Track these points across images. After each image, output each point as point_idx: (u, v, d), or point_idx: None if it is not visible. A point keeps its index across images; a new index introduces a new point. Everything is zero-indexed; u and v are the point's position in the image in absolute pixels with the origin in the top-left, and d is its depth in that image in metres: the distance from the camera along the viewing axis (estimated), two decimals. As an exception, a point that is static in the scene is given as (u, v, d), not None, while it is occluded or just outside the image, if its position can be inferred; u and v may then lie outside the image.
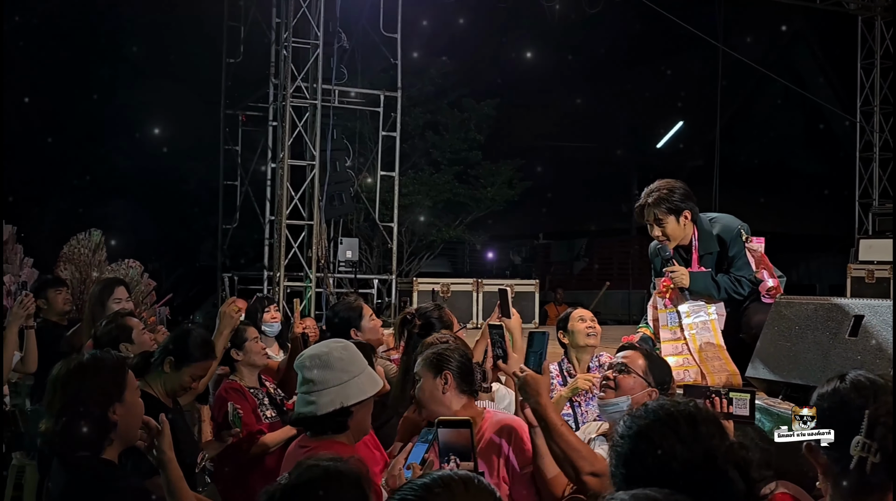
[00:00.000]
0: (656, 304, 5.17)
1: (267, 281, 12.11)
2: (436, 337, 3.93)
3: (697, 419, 1.97)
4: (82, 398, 2.89)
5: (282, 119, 11.36)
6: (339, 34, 11.82)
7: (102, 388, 2.93)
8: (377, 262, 15.03)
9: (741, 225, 5.19)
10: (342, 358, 3.33)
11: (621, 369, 3.72)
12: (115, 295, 5.87)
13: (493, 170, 17.30)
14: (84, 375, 2.95)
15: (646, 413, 2.01)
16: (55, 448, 2.95)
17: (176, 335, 4.27)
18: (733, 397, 3.69)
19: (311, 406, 3.25)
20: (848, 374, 2.29)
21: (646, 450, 1.94)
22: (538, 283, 12.37)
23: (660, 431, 1.95)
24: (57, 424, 2.87)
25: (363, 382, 3.33)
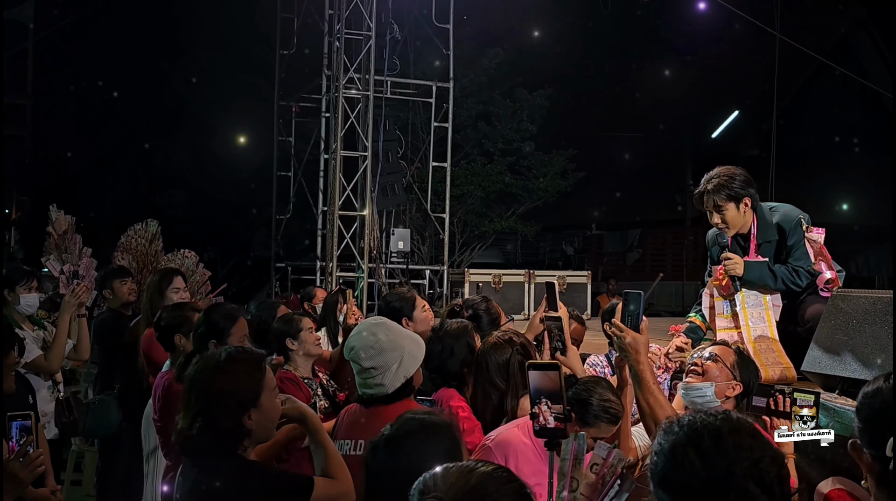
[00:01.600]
0: (712, 292, 5.10)
1: (319, 271, 12.20)
2: (498, 335, 3.92)
3: (723, 433, 1.90)
4: (218, 404, 2.86)
5: (334, 110, 11.42)
6: (392, 25, 11.84)
7: (238, 396, 2.88)
8: (429, 253, 15.06)
9: (802, 214, 5.08)
10: (390, 339, 3.61)
11: (711, 358, 3.73)
12: (173, 285, 5.96)
13: (546, 160, 17.22)
14: (220, 378, 2.90)
15: (678, 428, 1.96)
16: (188, 449, 2.91)
17: (202, 321, 4.32)
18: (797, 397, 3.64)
19: (381, 388, 3.55)
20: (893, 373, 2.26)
21: (673, 469, 1.90)
22: (590, 274, 12.31)
23: (683, 447, 1.90)
24: (192, 427, 2.84)
25: (413, 350, 3.64)
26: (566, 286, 11.77)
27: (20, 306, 5.91)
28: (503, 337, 3.89)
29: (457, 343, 3.96)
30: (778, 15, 14.40)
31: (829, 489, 3.76)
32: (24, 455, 3.26)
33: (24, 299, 5.93)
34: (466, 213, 16.42)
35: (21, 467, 3.23)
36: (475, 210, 16.63)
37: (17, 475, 3.21)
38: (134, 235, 8.55)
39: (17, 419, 3.40)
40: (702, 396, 3.63)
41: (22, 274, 6.07)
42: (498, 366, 3.80)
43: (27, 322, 5.95)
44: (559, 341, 3.81)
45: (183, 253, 8.63)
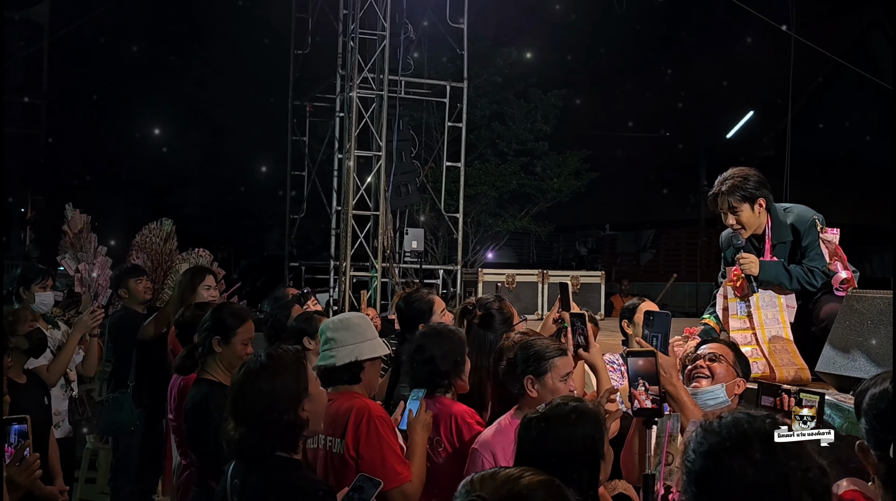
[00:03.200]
0: (726, 293, 5.09)
1: (333, 271, 12.22)
2: (511, 338, 3.92)
3: (774, 439, 1.88)
4: (274, 402, 2.92)
5: (348, 110, 11.42)
6: (406, 25, 11.84)
7: (290, 387, 2.97)
8: (442, 252, 15.07)
9: (816, 215, 5.07)
10: (360, 324, 3.87)
11: (713, 357, 3.72)
12: (205, 282, 6.04)
13: (560, 160, 17.22)
14: (272, 376, 2.97)
15: (720, 428, 1.91)
16: (251, 454, 2.93)
17: (209, 317, 4.35)
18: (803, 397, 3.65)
19: (331, 359, 3.74)
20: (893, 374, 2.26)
21: (717, 471, 1.85)
22: (604, 274, 12.28)
23: (732, 451, 1.85)
24: (251, 431, 2.87)
25: (375, 344, 3.85)
26: (580, 287, 11.75)
27: (35, 304, 5.95)
28: (516, 341, 3.89)
29: (447, 344, 3.95)
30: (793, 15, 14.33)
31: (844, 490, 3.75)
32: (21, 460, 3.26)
33: (40, 297, 5.97)
34: (480, 213, 16.43)
35: (18, 472, 3.23)
36: (489, 210, 16.64)
37: (15, 479, 3.21)
38: (148, 233, 8.59)
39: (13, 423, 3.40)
40: (714, 398, 3.60)
41: (37, 272, 6.10)
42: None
43: (41, 321, 5.98)
44: (582, 336, 3.82)
45: (197, 252, 8.66)
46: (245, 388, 2.96)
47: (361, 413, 3.58)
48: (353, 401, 3.65)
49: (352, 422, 3.56)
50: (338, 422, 3.59)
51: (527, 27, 17.79)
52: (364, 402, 3.67)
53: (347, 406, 3.62)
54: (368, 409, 3.62)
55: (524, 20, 17.38)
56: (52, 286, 6.15)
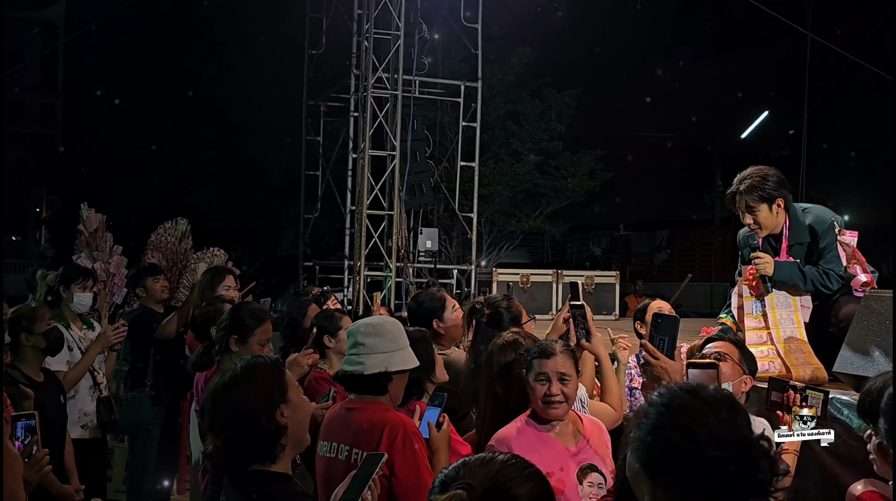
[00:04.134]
0: (741, 292, 5.07)
1: (347, 271, 12.24)
2: (505, 337, 3.92)
3: (737, 406, 1.92)
4: (246, 408, 2.78)
5: (363, 110, 11.44)
6: (421, 25, 11.86)
7: (265, 392, 2.81)
8: (456, 252, 15.08)
9: (835, 217, 5.04)
10: (392, 331, 3.65)
11: (718, 357, 3.72)
12: (224, 282, 6.07)
13: (574, 160, 17.20)
14: (243, 383, 2.83)
15: (686, 391, 1.96)
16: (225, 466, 2.83)
17: (228, 316, 4.36)
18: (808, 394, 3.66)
19: (359, 366, 3.55)
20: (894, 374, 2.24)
21: (683, 426, 1.88)
22: (618, 274, 12.27)
23: (702, 411, 1.90)
24: (225, 441, 2.76)
25: (406, 355, 3.65)
26: (594, 287, 11.74)
27: (73, 303, 5.95)
28: (509, 339, 3.88)
29: (415, 351, 3.85)
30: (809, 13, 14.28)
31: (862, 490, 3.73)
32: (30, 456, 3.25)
33: (78, 297, 5.96)
34: (494, 212, 16.42)
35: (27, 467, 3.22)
36: (503, 210, 16.64)
37: (24, 475, 3.17)
38: (164, 233, 8.60)
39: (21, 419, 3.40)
40: None
41: (79, 272, 6.10)
42: (501, 368, 3.79)
43: (77, 321, 5.99)
44: (584, 328, 3.81)
45: (212, 251, 8.67)
46: (217, 399, 2.84)
47: (397, 429, 3.39)
48: (385, 415, 3.47)
49: (386, 437, 3.36)
50: (367, 435, 3.41)
51: (541, 26, 17.78)
52: (398, 417, 3.49)
53: (380, 420, 3.44)
54: (404, 424, 3.44)
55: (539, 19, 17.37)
56: (92, 287, 6.15)
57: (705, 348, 3.93)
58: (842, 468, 4.09)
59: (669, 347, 3.18)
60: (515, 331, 4.08)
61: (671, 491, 1.86)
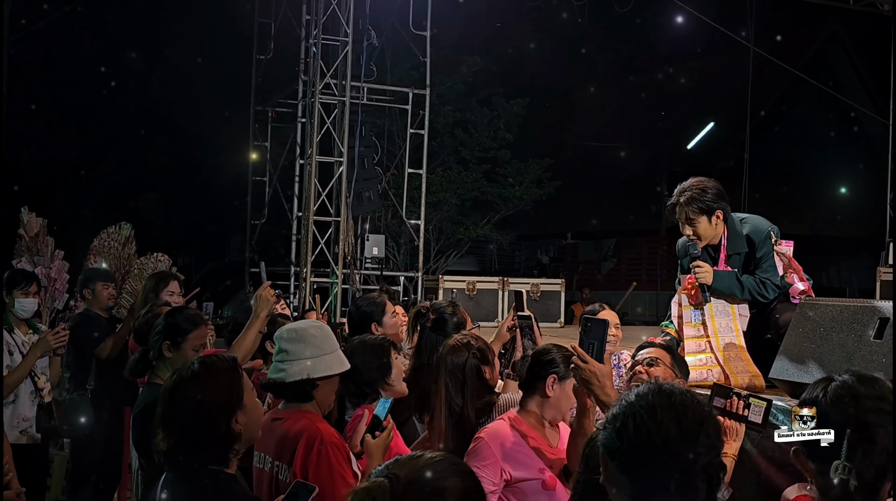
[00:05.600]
0: (681, 301, 5.15)
1: (294, 277, 12.19)
2: (457, 338, 3.94)
3: (707, 419, 1.94)
4: (205, 414, 2.75)
5: (310, 116, 11.42)
6: (369, 31, 11.86)
7: (222, 398, 2.79)
8: (404, 259, 15.07)
9: (771, 227, 5.14)
10: (316, 336, 3.55)
11: (650, 362, 3.76)
12: (168, 288, 6.01)
13: (522, 169, 17.29)
14: (202, 385, 2.80)
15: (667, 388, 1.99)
16: (177, 466, 2.79)
17: (162, 321, 4.29)
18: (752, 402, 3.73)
19: (282, 373, 3.47)
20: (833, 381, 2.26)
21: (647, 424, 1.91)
22: (563, 282, 12.34)
23: (669, 412, 1.92)
24: (179, 442, 2.73)
25: (331, 361, 3.54)
26: (540, 294, 11.80)
27: (16, 309, 5.85)
28: (461, 341, 3.91)
29: (371, 354, 3.90)
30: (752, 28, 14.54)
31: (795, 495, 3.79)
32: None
33: (20, 302, 5.85)
34: (442, 220, 16.44)
35: None
36: (450, 217, 16.67)
37: None
38: (107, 237, 8.50)
39: None
40: None
41: (22, 277, 6.00)
42: (454, 369, 3.82)
43: (23, 325, 5.89)
44: (530, 338, 3.85)
45: (156, 257, 8.58)
46: (175, 397, 2.80)
47: (312, 440, 3.29)
48: (303, 425, 3.36)
49: (301, 449, 3.28)
50: (286, 447, 3.35)
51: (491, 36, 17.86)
52: (315, 427, 3.35)
53: (297, 430, 3.34)
54: (320, 435, 3.31)
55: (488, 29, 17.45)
56: (36, 293, 6.04)
57: (638, 354, 3.99)
58: (777, 472, 4.15)
59: (598, 350, 3.17)
60: (466, 333, 4.12)
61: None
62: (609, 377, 3.17)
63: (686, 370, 3.99)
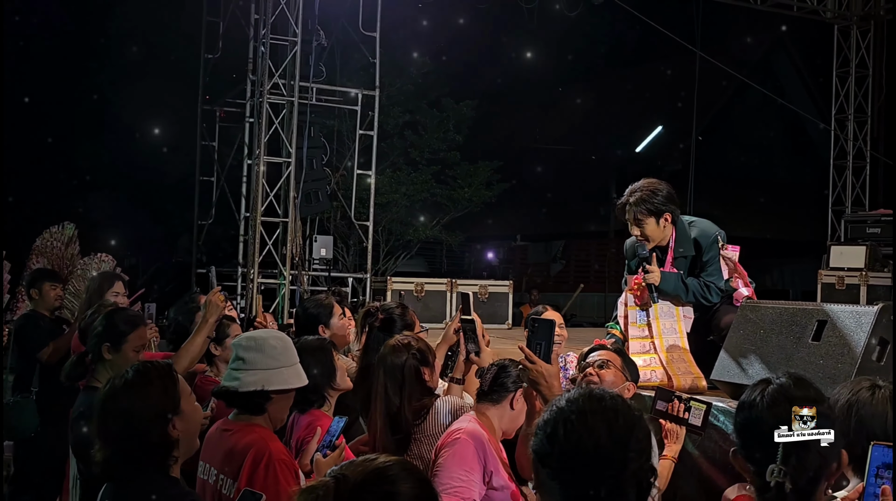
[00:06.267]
0: (626, 301, 5.20)
1: (241, 278, 12.09)
2: (398, 339, 3.95)
3: (637, 423, 1.94)
4: (139, 421, 2.72)
5: (258, 116, 11.33)
6: (318, 32, 11.79)
7: (156, 405, 2.75)
8: (353, 260, 15.02)
9: (718, 232, 5.21)
10: (275, 347, 3.45)
11: (601, 364, 3.79)
12: (113, 288, 5.94)
13: (471, 170, 17.33)
14: (135, 393, 2.76)
15: (598, 393, 1.98)
16: (115, 475, 2.77)
17: (101, 322, 4.22)
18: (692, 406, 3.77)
19: (235, 382, 3.37)
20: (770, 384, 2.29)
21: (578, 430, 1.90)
22: (512, 284, 12.37)
23: (599, 418, 1.92)
24: (116, 451, 2.70)
25: (288, 374, 3.44)
26: (488, 296, 11.83)
27: None
28: (402, 341, 3.92)
29: (313, 358, 3.86)
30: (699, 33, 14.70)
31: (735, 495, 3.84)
32: None
33: None
34: (391, 221, 16.42)
35: None
36: (400, 219, 16.64)
37: None
38: (49, 237, 8.39)
39: None
40: None
41: None
42: (393, 369, 3.82)
43: None
44: (473, 342, 3.85)
45: (100, 257, 8.48)
46: (108, 406, 2.77)
47: (260, 455, 3.19)
48: (252, 439, 3.27)
49: (248, 465, 3.18)
50: (233, 460, 3.26)
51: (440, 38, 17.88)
52: (265, 443, 3.26)
53: (246, 444, 3.25)
54: (269, 451, 3.22)
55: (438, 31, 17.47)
56: None
57: (589, 356, 4.02)
58: (718, 473, 4.21)
59: (546, 351, 3.18)
60: (408, 334, 4.11)
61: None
62: (556, 377, 3.18)
63: (636, 372, 4.04)
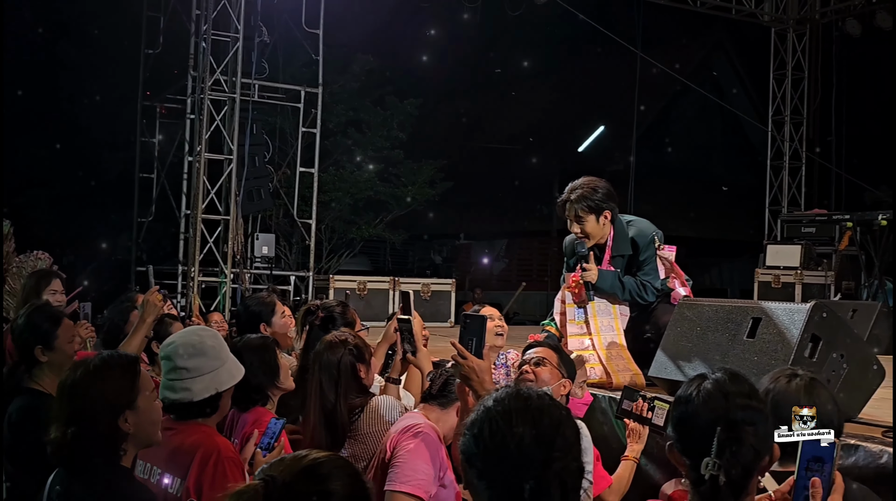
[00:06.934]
0: (564, 298, 5.25)
1: (181, 276, 11.97)
2: (334, 335, 3.94)
3: (563, 423, 1.92)
4: (91, 409, 2.75)
5: (199, 112, 11.23)
6: (261, 28, 11.72)
7: (111, 398, 2.77)
8: (296, 259, 14.92)
9: (656, 232, 5.27)
10: (214, 346, 3.42)
11: (538, 362, 3.81)
12: (51, 287, 5.82)
13: (415, 169, 17.31)
14: (92, 383, 2.78)
15: (524, 393, 1.97)
16: (63, 458, 2.78)
17: (23, 325, 4.12)
18: (656, 405, 3.82)
19: (186, 393, 3.31)
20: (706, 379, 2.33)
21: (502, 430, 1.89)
22: (454, 282, 12.41)
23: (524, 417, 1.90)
24: (66, 435, 2.72)
25: (233, 368, 3.46)
26: (431, 294, 11.85)
27: None
28: (339, 337, 3.91)
29: (256, 357, 3.86)
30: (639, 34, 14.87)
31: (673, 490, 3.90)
32: None
33: None
34: (334, 219, 16.35)
35: None
36: (343, 217, 16.58)
37: None
38: (-17, 235, 8.21)
39: None
40: None
41: None
42: (329, 365, 3.80)
43: None
44: (409, 342, 3.86)
45: (36, 255, 8.32)
46: (69, 391, 2.80)
47: (209, 454, 3.15)
48: (199, 438, 3.24)
49: (196, 464, 3.14)
50: (178, 460, 3.21)
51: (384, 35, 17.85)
52: (213, 441, 3.24)
53: (192, 443, 3.22)
54: (217, 450, 3.19)
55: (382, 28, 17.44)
56: None
57: (526, 353, 4.05)
58: (656, 468, 4.27)
59: (477, 346, 3.19)
60: (345, 330, 4.10)
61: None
62: (487, 372, 3.19)
63: (573, 369, 4.06)
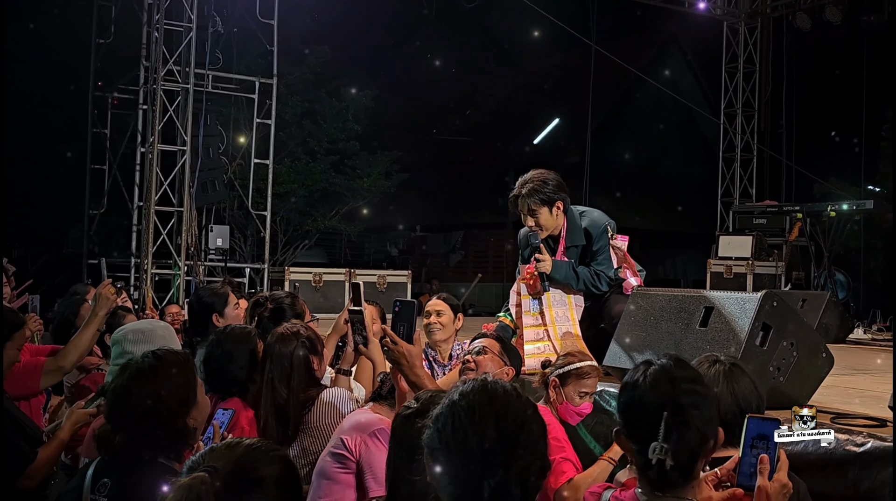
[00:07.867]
0: (519, 290, 5.28)
1: (135, 268, 11.86)
2: (286, 327, 3.91)
3: (528, 421, 1.90)
4: (160, 407, 2.67)
5: (152, 103, 11.12)
6: (214, 18, 11.63)
7: (179, 392, 2.72)
8: (251, 251, 14.84)
9: (609, 222, 5.32)
10: (164, 336, 3.47)
11: (479, 351, 3.87)
12: None
13: (370, 160, 17.27)
14: (157, 379, 2.71)
15: (491, 387, 1.96)
16: (125, 459, 2.69)
17: None
18: None
19: None
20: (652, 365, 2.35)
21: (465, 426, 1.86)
22: (410, 274, 12.43)
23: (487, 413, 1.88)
24: (132, 437, 2.65)
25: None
26: (386, 286, 11.85)
27: None
28: (290, 329, 3.88)
29: (237, 349, 3.85)
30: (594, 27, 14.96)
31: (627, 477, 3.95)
32: None
33: None
34: (289, 211, 16.27)
35: None
36: (298, 209, 16.50)
37: None
38: (-70, 227, 8.07)
39: None
40: None
41: None
42: (281, 358, 3.77)
43: None
44: (361, 334, 3.85)
45: (-17, 248, 8.18)
46: (129, 391, 2.71)
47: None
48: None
49: None
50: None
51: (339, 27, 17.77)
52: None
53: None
54: None
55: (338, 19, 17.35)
56: None
57: (472, 344, 4.10)
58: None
59: (408, 332, 3.21)
60: (297, 322, 4.08)
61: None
62: (418, 357, 3.21)
63: (518, 359, 4.10)
